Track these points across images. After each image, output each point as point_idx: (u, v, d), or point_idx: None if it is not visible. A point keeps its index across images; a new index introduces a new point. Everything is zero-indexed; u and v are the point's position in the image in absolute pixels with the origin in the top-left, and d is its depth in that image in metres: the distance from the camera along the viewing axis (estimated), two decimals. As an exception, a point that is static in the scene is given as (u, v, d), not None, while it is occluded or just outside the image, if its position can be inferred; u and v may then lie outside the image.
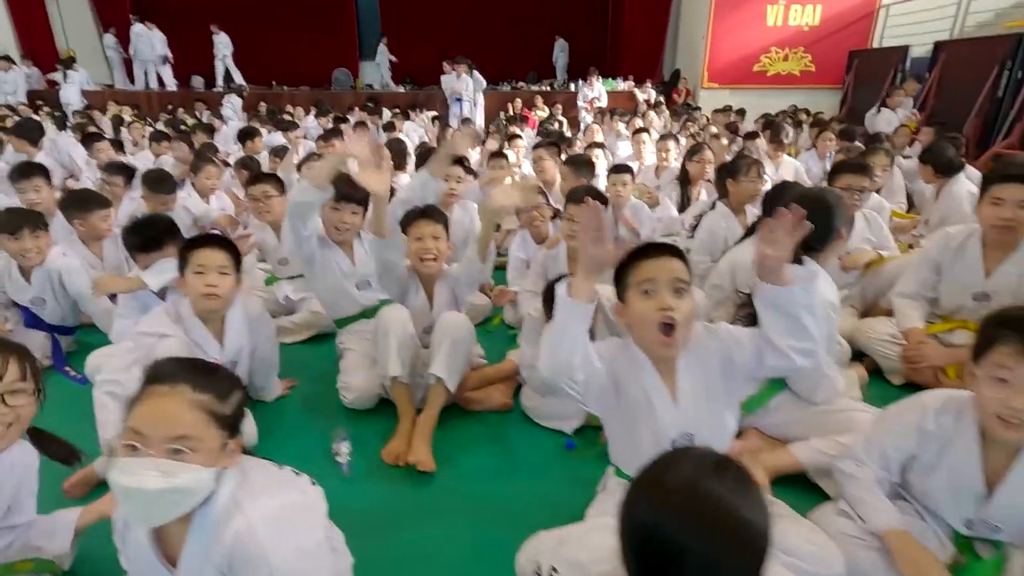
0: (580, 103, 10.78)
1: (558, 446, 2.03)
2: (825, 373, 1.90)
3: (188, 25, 12.67)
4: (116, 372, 1.81)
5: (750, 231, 2.58)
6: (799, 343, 1.25)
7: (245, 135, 5.45)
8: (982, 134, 7.18)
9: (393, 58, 13.99)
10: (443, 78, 10.50)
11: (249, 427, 1.96)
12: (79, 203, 2.78)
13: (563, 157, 4.21)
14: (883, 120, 7.08)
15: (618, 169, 3.57)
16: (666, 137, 4.82)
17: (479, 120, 10.39)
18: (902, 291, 2.57)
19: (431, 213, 2.16)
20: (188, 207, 3.35)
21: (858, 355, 2.60)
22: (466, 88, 9.88)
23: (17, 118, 6.96)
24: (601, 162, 4.58)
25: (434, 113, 9.64)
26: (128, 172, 3.58)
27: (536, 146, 4.52)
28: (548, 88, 12.29)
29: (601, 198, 2.60)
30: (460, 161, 3.13)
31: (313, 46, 14.81)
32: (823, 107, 10.07)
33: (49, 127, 6.40)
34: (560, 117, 9.48)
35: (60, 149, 5.31)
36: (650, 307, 1.25)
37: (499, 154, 4.03)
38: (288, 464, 1.18)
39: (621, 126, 7.02)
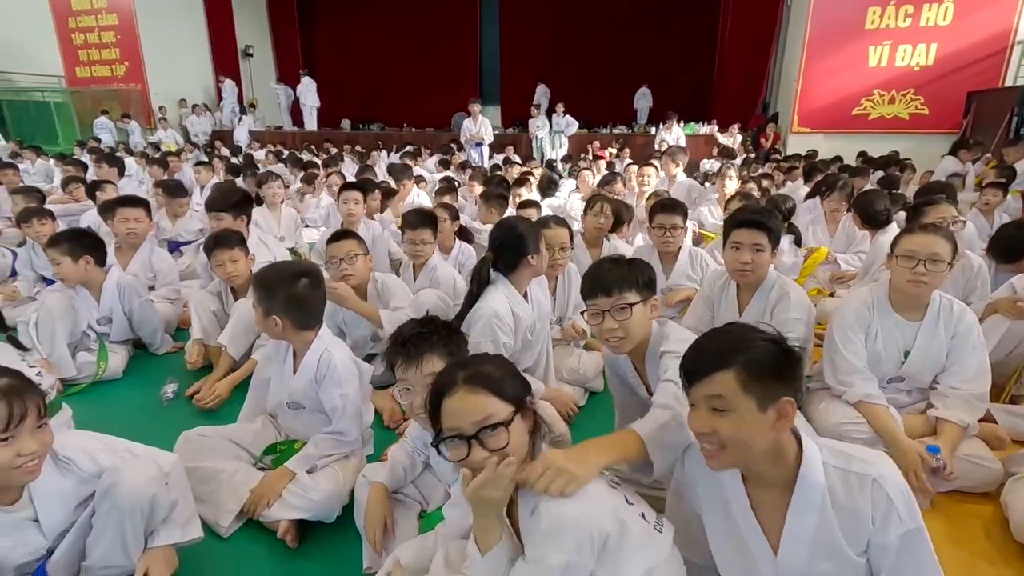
0: (656, 147, 10.89)
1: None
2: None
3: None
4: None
5: None
6: None
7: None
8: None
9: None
10: (464, 123, 10.01)
11: (117, 360, 2.81)
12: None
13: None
14: (942, 167, 6.35)
15: (525, 205, 4.04)
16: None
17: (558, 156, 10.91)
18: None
19: (222, 241, 2.62)
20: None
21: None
22: (485, 131, 9.80)
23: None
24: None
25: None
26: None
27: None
28: (628, 131, 12.53)
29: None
30: (360, 187, 3.83)
31: (439, 93, 16.99)
32: (933, 154, 9.02)
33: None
34: (628, 159, 9.77)
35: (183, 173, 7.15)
36: None
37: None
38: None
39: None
